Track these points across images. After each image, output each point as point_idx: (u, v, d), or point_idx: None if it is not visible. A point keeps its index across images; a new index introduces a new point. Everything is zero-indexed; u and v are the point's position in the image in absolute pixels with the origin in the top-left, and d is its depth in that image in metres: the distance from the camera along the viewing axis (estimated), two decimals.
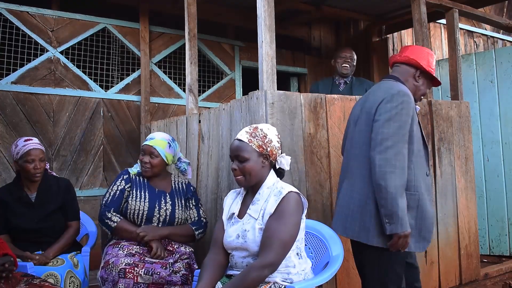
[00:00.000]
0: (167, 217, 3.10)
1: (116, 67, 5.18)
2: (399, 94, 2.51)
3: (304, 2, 5.71)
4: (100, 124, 4.96)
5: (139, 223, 3.06)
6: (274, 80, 3.09)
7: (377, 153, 2.44)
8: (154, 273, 2.71)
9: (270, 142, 2.40)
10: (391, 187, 2.39)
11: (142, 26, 5.25)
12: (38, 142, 3.25)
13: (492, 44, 8.48)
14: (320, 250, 2.66)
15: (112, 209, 3.06)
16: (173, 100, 5.43)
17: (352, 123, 2.73)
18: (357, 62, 4.50)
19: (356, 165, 2.60)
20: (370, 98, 2.63)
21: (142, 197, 3.10)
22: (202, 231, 3.20)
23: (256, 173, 2.37)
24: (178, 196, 3.21)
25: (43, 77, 4.68)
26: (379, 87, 2.69)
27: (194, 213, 3.25)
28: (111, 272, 2.71)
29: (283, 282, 2.28)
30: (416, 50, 2.78)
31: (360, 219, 2.54)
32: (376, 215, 2.49)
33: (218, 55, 5.83)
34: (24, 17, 4.64)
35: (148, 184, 3.18)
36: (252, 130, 2.42)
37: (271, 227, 2.26)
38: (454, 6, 4.52)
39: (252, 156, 2.35)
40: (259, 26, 3.10)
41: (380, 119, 2.48)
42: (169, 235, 3.07)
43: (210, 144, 3.60)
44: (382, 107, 2.50)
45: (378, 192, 2.44)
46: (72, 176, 4.70)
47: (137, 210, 3.05)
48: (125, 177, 3.18)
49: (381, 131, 2.46)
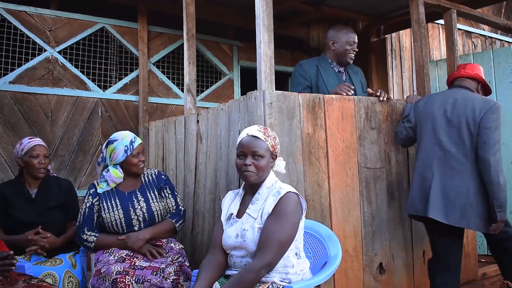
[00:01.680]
0: (145, 214, 3.07)
1: (114, 67, 5.17)
2: (497, 105, 3.15)
3: (303, 2, 5.71)
4: (98, 124, 4.95)
5: (121, 231, 3.04)
6: (272, 80, 3.10)
7: (491, 155, 3.02)
8: (145, 280, 2.67)
9: (278, 144, 2.48)
10: (502, 183, 3.01)
11: (140, 26, 5.24)
12: (41, 140, 3.37)
13: (490, 44, 8.49)
14: (318, 250, 2.67)
15: (86, 228, 3.02)
16: (172, 100, 5.42)
17: (444, 119, 3.24)
18: (356, 61, 4.20)
19: (466, 162, 3.13)
20: (471, 106, 3.17)
21: (113, 207, 3.05)
22: (182, 221, 3.20)
23: (266, 172, 2.41)
24: (149, 189, 3.18)
25: (41, 77, 4.68)
26: (475, 97, 3.24)
27: (172, 202, 3.23)
28: (103, 282, 2.68)
29: (281, 282, 2.28)
30: (475, 66, 3.47)
31: (463, 208, 3.08)
32: (477, 206, 3.07)
33: (217, 55, 5.83)
34: (22, 16, 4.64)
35: (117, 190, 3.13)
36: (263, 129, 2.45)
37: (269, 227, 2.27)
38: (452, 6, 4.53)
39: (266, 154, 2.39)
40: (258, 26, 3.10)
41: (491, 126, 3.07)
42: (152, 237, 3.05)
43: (208, 144, 3.60)
44: (489, 116, 3.09)
45: (493, 186, 3.01)
46: (70, 176, 4.69)
47: (114, 221, 3.02)
48: (92, 192, 3.12)
49: (492, 136, 3.05)
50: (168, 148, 4.17)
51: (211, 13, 5.64)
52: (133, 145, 3.10)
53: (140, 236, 3.00)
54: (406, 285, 3.61)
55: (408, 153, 3.72)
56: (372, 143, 3.49)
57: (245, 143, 2.40)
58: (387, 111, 3.62)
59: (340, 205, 3.27)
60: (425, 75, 4.14)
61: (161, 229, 3.11)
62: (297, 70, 3.85)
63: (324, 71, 3.81)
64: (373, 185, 3.47)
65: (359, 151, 3.41)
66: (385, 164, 3.56)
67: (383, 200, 3.52)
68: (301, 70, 3.81)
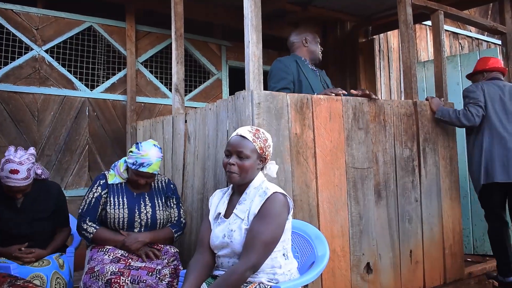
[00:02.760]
0: (149, 220, 3.07)
1: (102, 66, 5.15)
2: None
3: (291, 3, 5.72)
4: (85, 124, 4.92)
5: (120, 229, 3.04)
6: (260, 80, 3.10)
7: None
8: (140, 281, 2.67)
9: (269, 147, 2.45)
10: None
11: (128, 25, 5.22)
12: (24, 175, 2.95)
13: (476, 45, 8.56)
14: (306, 250, 2.67)
15: (88, 218, 3.00)
16: (159, 100, 5.40)
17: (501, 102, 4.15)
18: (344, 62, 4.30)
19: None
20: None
21: (120, 204, 3.05)
22: (180, 233, 3.23)
23: (251, 173, 2.39)
24: (157, 195, 3.19)
25: (27, 76, 4.63)
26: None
27: (175, 213, 3.24)
28: (96, 281, 2.67)
29: (268, 283, 2.28)
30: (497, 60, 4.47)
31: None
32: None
33: (205, 55, 5.82)
34: (9, 15, 4.59)
35: (126, 189, 3.13)
36: (254, 131, 2.43)
37: (254, 228, 2.26)
38: (439, 8, 4.56)
39: (253, 155, 2.37)
40: (246, 26, 3.09)
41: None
42: (151, 241, 3.05)
43: (196, 144, 3.60)
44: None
45: None
46: (57, 176, 4.66)
47: (117, 218, 3.01)
48: (102, 183, 3.10)
49: None
50: None
51: (200, 12, 5.63)
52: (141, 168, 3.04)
53: (139, 238, 3.00)
54: (393, 284, 3.63)
55: (395, 153, 3.74)
56: (360, 143, 3.51)
57: (232, 142, 2.40)
58: (374, 112, 3.63)
59: (328, 205, 3.28)
60: (412, 75, 4.16)
61: (160, 236, 3.11)
62: (278, 66, 3.82)
63: (303, 67, 3.85)
64: (361, 185, 3.48)
65: (346, 151, 3.42)
66: (372, 164, 3.57)
67: (371, 200, 3.53)
68: (282, 66, 3.81)
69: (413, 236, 3.80)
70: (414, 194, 3.84)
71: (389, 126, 3.72)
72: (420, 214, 3.87)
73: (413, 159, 3.87)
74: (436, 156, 4.06)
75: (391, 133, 3.73)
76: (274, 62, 3.89)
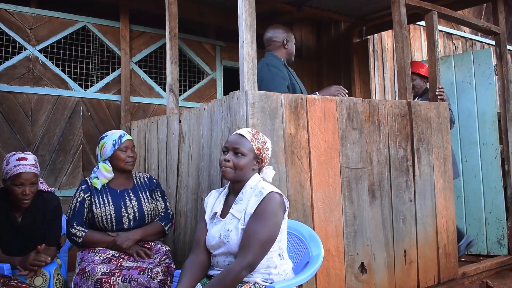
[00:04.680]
0: (136, 213, 3.08)
1: (96, 66, 5.13)
2: None
3: (285, 3, 5.72)
4: (79, 124, 4.90)
5: (110, 228, 3.03)
6: (255, 80, 3.10)
7: None
8: (131, 279, 2.66)
9: (267, 150, 2.48)
10: None
11: (122, 25, 5.21)
12: (33, 162, 2.93)
13: (470, 46, 8.60)
14: (300, 250, 2.67)
15: (75, 222, 3.01)
16: (154, 100, 5.39)
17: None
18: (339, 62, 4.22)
19: None
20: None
21: (105, 202, 3.05)
22: (170, 225, 3.24)
23: (246, 172, 2.40)
24: (141, 190, 3.20)
25: (21, 76, 4.61)
26: None
27: (162, 205, 3.27)
28: (86, 281, 2.66)
29: (263, 283, 2.28)
30: None
31: None
32: None
33: (199, 55, 5.81)
34: (2, 14, 4.57)
35: (109, 187, 3.14)
36: (254, 132, 2.48)
37: (250, 227, 2.27)
38: (433, 8, 4.57)
39: (249, 154, 2.40)
40: (240, 26, 3.10)
41: None
42: (142, 238, 3.06)
43: (190, 144, 3.59)
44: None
45: None
46: (51, 176, 4.65)
47: (104, 216, 3.02)
48: (83, 187, 3.11)
49: None
50: (150, 148, 4.15)
51: (194, 12, 5.63)
52: (121, 140, 3.14)
53: (130, 236, 3.00)
54: (387, 284, 3.63)
55: (389, 153, 3.75)
56: (354, 143, 3.51)
57: (230, 140, 2.44)
58: (369, 112, 3.64)
59: (322, 205, 3.28)
60: (406, 76, 4.17)
61: (150, 231, 3.12)
62: (273, 72, 3.69)
63: (289, 70, 3.82)
64: (355, 185, 3.49)
65: (341, 151, 3.43)
66: (366, 164, 3.58)
67: (365, 200, 3.54)
68: (277, 71, 3.70)
69: (407, 236, 3.81)
70: (408, 194, 3.85)
71: (383, 126, 3.73)
72: (414, 214, 3.88)
73: (407, 159, 3.88)
74: (430, 156, 4.07)
75: (385, 133, 3.74)
76: (263, 66, 3.71)
